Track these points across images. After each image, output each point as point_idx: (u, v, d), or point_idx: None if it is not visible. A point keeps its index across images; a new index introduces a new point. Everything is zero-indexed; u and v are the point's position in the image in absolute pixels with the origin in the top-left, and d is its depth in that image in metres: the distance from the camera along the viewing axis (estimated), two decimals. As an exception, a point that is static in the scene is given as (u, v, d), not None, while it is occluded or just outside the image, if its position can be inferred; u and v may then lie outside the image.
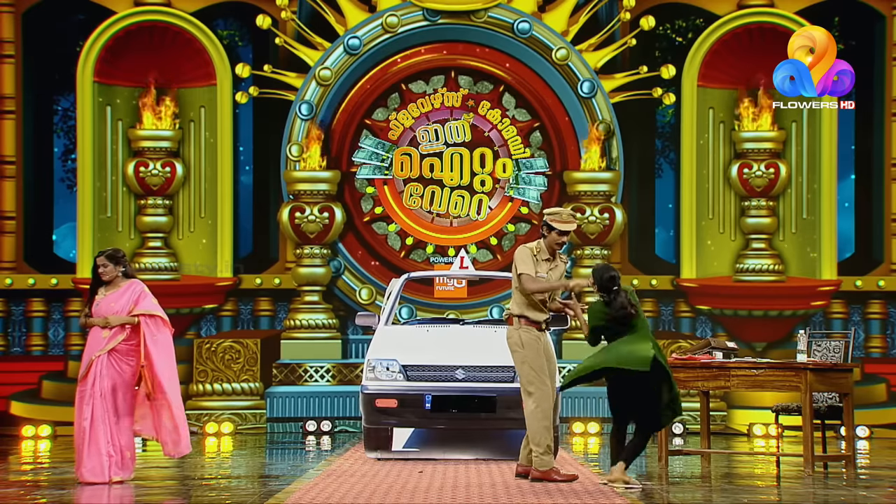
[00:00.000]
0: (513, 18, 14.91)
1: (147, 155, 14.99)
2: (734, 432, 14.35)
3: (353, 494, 7.92)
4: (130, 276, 9.08)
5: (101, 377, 8.76)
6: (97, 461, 8.68)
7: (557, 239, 8.78)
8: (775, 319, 14.93)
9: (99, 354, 8.78)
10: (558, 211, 8.86)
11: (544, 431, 8.60)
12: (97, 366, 8.77)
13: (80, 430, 8.75)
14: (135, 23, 14.98)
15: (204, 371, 14.45)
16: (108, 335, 8.84)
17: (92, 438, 8.69)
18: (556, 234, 8.75)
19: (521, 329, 8.77)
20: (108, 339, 8.83)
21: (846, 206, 15.55)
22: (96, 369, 8.76)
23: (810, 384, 9.36)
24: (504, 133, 15.14)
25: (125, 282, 9.00)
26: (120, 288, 8.95)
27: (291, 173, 14.84)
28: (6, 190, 15.02)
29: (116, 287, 8.96)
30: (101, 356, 8.78)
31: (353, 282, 15.02)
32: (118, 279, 8.98)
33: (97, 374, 8.76)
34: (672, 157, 15.59)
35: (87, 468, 8.68)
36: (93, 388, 8.75)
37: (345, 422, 14.34)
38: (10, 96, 15.02)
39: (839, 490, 8.67)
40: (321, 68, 14.82)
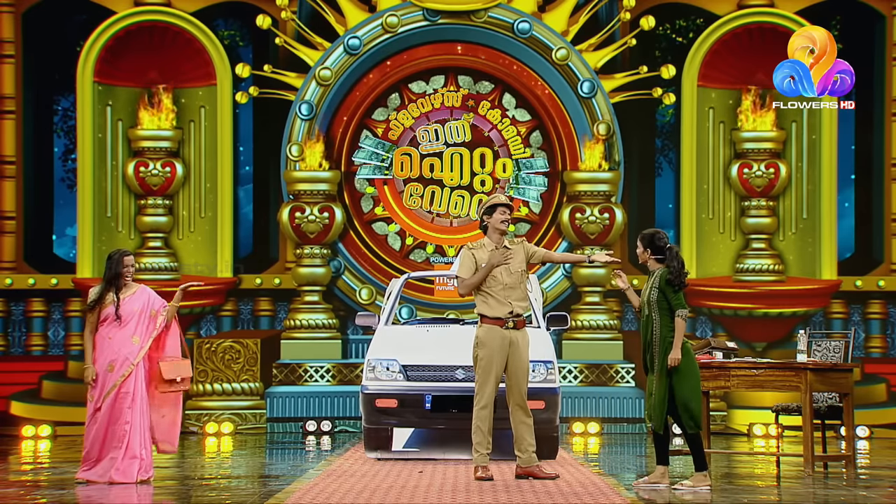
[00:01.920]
0: (513, 18, 14.91)
1: (147, 155, 14.99)
2: (734, 432, 14.35)
3: (353, 494, 7.92)
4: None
5: (138, 381, 8.78)
6: (130, 464, 8.71)
7: (500, 218, 8.67)
8: (775, 319, 14.93)
9: (137, 361, 8.78)
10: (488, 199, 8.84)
11: (476, 431, 8.63)
12: (136, 373, 8.79)
13: (121, 434, 8.72)
14: (135, 23, 14.99)
15: (204, 371, 14.45)
16: (139, 341, 8.83)
17: (130, 442, 8.72)
18: (498, 213, 8.63)
19: (480, 327, 8.74)
20: (139, 344, 8.82)
21: (846, 206, 15.55)
22: (136, 375, 8.78)
23: (810, 384, 9.36)
24: (504, 133, 15.14)
25: (135, 285, 8.99)
26: (134, 290, 8.95)
27: (291, 173, 14.84)
28: (6, 190, 15.02)
29: (130, 289, 8.95)
30: (139, 363, 8.79)
31: (354, 282, 15.02)
32: (129, 282, 8.99)
33: (136, 379, 8.78)
34: (672, 157, 15.59)
35: (119, 470, 8.69)
36: (133, 393, 8.74)
37: (345, 422, 14.34)
38: (10, 96, 15.02)
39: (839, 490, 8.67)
40: (321, 68, 14.82)
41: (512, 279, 8.68)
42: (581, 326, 14.75)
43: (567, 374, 14.44)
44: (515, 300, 8.69)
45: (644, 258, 8.65)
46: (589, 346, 14.71)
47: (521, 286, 8.73)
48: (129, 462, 8.72)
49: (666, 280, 8.47)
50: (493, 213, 8.68)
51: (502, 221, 8.68)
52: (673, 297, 8.46)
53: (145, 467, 8.80)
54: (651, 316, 8.51)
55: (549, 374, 10.39)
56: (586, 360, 14.54)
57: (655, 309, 8.49)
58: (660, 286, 8.47)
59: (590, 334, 14.78)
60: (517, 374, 8.70)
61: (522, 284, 8.75)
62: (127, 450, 8.72)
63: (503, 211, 8.68)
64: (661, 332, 8.47)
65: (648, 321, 8.53)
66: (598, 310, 14.87)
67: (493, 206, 8.70)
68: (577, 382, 14.47)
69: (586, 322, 14.78)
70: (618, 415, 14.17)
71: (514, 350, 8.69)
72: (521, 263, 8.74)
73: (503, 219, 8.68)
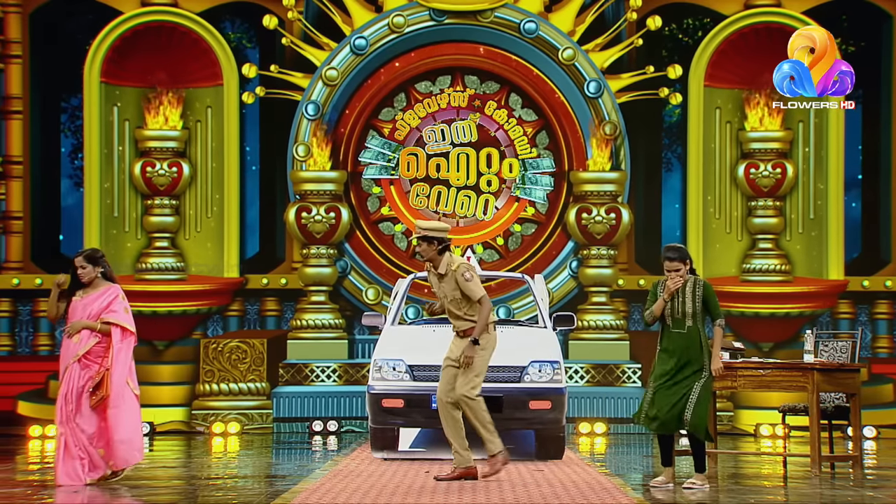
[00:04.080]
0: (519, 18, 14.90)
1: (154, 155, 15.00)
2: (741, 432, 14.33)
3: (360, 494, 7.92)
4: (110, 277, 8.88)
5: (70, 381, 8.66)
6: (71, 465, 8.60)
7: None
8: (782, 320, 14.91)
9: (73, 361, 8.68)
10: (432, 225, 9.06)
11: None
12: (71, 372, 8.68)
13: (58, 435, 8.71)
14: (142, 23, 15.00)
15: (210, 371, 14.46)
16: (79, 340, 8.72)
17: (66, 443, 8.61)
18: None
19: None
20: (79, 344, 8.71)
21: (853, 207, 15.53)
22: (70, 374, 8.67)
23: (817, 384, 9.34)
24: (510, 133, 15.14)
25: (104, 284, 8.82)
26: (98, 290, 8.78)
27: (298, 173, 14.85)
28: (13, 190, 15.04)
29: (95, 289, 8.79)
30: (74, 363, 8.68)
31: (360, 282, 15.02)
32: (97, 280, 8.80)
33: (69, 379, 8.67)
34: (678, 157, 15.58)
35: (62, 471, 8.60)
36: (65, 394, 8.65)
37: (351, 422, 14.35)
38: (17, 96, 15.04)
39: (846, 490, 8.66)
40: (328, 68, 14.83)
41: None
42: (587, 326, 14.74)
43: (573, 375, 14.43)
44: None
45: (684, 274, 8.69)
46: (595, 347, 14.70)
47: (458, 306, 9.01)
48: (69, 464, 8.59)
49: (709, 289, 8.66)
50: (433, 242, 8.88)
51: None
52: (715, 307, 8.67)
53: (91, 467, 8.61)
54: (695, 326, 8.61)
55: (556, 374, 10.39)
56: (593, 360, 14.53)
57: (700, 319, 8.64)
58: (704, 295, 8.57)
59: (596, 334, 14.77)
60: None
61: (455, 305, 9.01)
62: (65, 451, 8.61)
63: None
64: (701, 340, 8.60)
65: (692, 330, 8.58)
66: (605, 310, 14.86)
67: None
68: (584, 383, 14.46)
69: (593, 322, 14.77)
70: (624, 415, 14.15)
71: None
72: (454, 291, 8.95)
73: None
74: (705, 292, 8.66)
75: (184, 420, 14.54)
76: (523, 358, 10.42)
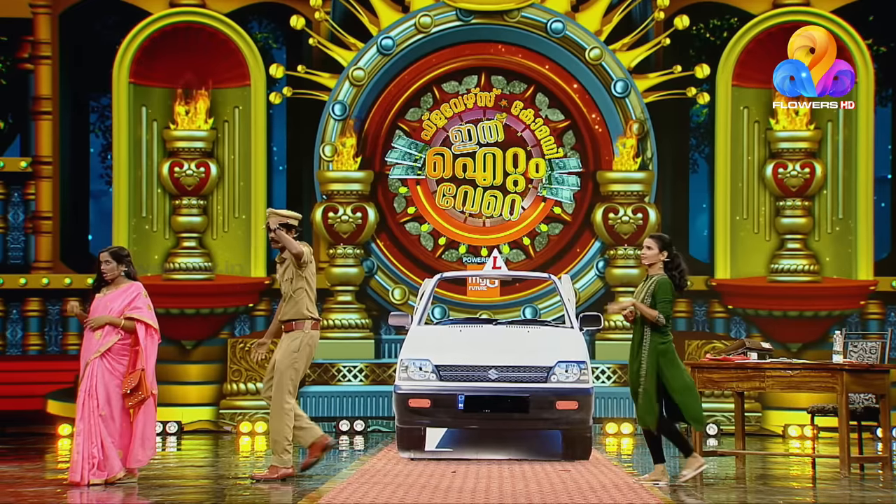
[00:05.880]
0: (546, 18, 14.88)
1: (182, 155, 15.07)
2: (769, 433, 14.27)
3: (387, 494, 7.93)
4: (133, 276, 8.95)
5: (92, 377, 8.70)
6: (78, 462, 8.63)
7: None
8: (810, 320, 14.83)
9: (94, 357, 8.73)
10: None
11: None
12: (92, 367, 8.72)
13: (76, 432, 8.77)
14: (170, 24, 15.07)
15: (238, 370, 14.52)
16: (101, 336, 8.78)
17: (81, 439, 8.65)
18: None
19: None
20: (100, 340, 8.77)
21: (882, 206, 15.42)
22: (91, 370, 8.72)
23: (846, 385, 9.30)
24: (537, 133, 15.12)
25: (126, 282, 8.89)
26: (120, 288, 8.86)
27: (325, 173, 14.88)
28: (43, 190, 15.14)
29: (117, 287, 8.88)
30: (96, 359, 8.72)
31: (386, 282, 15.04)
32: (120, 279, 8.88)
33: (91, 375, 8.71)
34: (706, 157, 15.52)
35: (72, 469, 8.66)
36: (87, 390, 8.69)
37: (378, 421, 14.37)
38: (46, 97, 15.14)
39: (875, 492, 8.61)
40: (354, 68, 14.86)
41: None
42: (614, 327, 14.71)
43: (600, 375, 14.40)
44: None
45: (656, 259, 8.67)
46: (622, 347, 14.54)
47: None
48: (77, 460, 8.63)
49: (669, 287, 8.55)
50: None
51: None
52: (662, 305, 8.55)
53: (99, 468, 8.63)
54: (640, 325, 8.61)
55: (583, 374, 10.37)
56: (620, 360, 14.49)
57: (646, 319, 8.61)
58: (654, 292, 8.51)
59: (623, 335, 14.72)
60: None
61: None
62: (77, 447, 8.65)
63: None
64: (650, 338, 8.57)
65: (637, 329, 8.57)
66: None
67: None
68: (611, 383, 14.43)
69: (619, 322, 14.73)
70: (651, 415, 14.09)
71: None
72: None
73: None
74: (654, 287, 8.61)
75: (211, 419, 14.60)
76: (550, 358, 10.40)
